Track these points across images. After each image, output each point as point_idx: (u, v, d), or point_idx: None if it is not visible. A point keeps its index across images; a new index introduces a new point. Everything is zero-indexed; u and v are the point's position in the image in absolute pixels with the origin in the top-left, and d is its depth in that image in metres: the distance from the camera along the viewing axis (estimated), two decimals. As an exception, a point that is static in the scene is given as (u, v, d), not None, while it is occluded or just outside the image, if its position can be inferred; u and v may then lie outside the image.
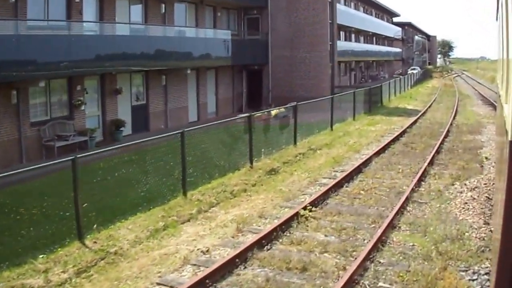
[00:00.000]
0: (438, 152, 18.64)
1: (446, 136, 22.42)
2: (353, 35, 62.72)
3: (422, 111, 32.53)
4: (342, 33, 57.21)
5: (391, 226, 10.73)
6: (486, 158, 17.46)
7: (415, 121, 27.75)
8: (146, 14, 26.76)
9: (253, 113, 17.25)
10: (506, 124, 5.65)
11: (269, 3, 35.63)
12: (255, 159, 17.36)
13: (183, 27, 29.46)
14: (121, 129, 24.63)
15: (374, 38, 75.10)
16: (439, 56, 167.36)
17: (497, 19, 10.61)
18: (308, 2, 34.90)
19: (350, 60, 58.81)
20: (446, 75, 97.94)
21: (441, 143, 20.43)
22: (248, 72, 36.92)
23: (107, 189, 16.03)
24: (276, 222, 10.98)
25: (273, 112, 22.02)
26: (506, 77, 6.37)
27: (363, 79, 66.14)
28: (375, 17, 76.13)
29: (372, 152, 18.44)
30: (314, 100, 24.67)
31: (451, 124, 26.28)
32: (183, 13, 29.81)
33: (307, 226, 11.02)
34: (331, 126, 24.68)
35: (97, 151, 15.91)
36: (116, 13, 24.98)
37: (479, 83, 70.48)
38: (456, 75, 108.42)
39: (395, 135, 22.23)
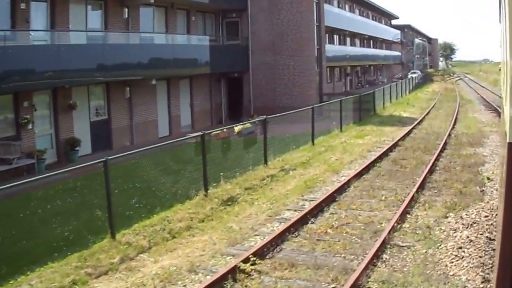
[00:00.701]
0: (431, 171, 15.82)
1: (442, 149, 19.61)
2: (348, 39, 60.02)
3: (419, 119, 29.70)
4: (336, 37, 54.58)
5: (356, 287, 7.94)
6: (488, 178, 14.62)
7: (410, 132, 24.94)
8: (106, 20, 24.05)
9: (208, 131, 14.45)
10: (505, 126, 5.75)
11: (248, 5, 32.79)
12: (214, 184, 14.63)
13: (150, 33, 26.73)
14: (76, 148, 21.89)
15: (372, 42, 72.38)
16: (441, 59, 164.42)
17: (500, 21, 9.89)
18: (292, 2, 31.98)
19: (345, 65, 56.05)
20: (447, 78, 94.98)
21: (436, 159, 17.62)
22: (228, 81, 34.11)
23: (30, 226, 13.31)
24: (204, 283, 8.23)
25: (236, 128, 19.16)
26: (506, 79, 6.25)
27: (359, 85, 63.33)
28: (372, 19, 73.41)
29: (354, 172, 15.64)
30: (288, 112, 21.82)
31: (449, 135, 23.45)
32: (150, 18, 27.07)
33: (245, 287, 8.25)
34: (312, 140, 21.87)
35: (29, 179, 13.15)
36: (70, 20, 22.29)
37: (482, 86, 67.59)
38: (458, 78, 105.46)
39: (384, 150, 19.43)
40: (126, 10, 24.76)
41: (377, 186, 14.27)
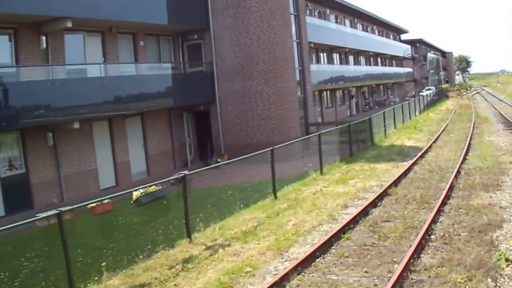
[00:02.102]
0: (422, 246, 10.63)
1: (446, 199, 14.46)
2: (351, 57, 54.99)
3: (424, 149, 24.42)
4: (335, 55, 49.62)
5: None
6: (508, 260, 9.40)
7: (409, 169, 19.75)
8: (17, 52, 19.35)
9: (66, 208, 9.41)
10: None
11: (211, 23, 27.78)
12: (88, 283, 9.69)
13: (78, 64, 21.91)
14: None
15: (379, 59, 67.25)
16: (457, 73, 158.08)
17: None
18: (261, 17, 26.73)
19: (347, 86, 50.90)
20: (464, 93, 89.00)
21: (434, 218, 12.45)
22: (194, 115, 29.08)
23: None
24: None
25: (135, 194, 13.88)
26: None
27: (367, 107, 58.05)
28: (379, 35, 68.37)
29: (307, 252, 10.49)
30: (243, 156, 16.69)
31: (458, 172, 18.24)
32: (79, 46, 22.26)
33: None
34: (274, 192, 16.73)
35: None
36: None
37: (499, 100, 61.77)
38: (475, 92, 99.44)
39: (366, 204, 14.27)
40: (44, 38, 19.99)
41: (331, 283, 9.08)
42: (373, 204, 14.50)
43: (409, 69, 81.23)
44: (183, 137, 28.18)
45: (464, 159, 21.21)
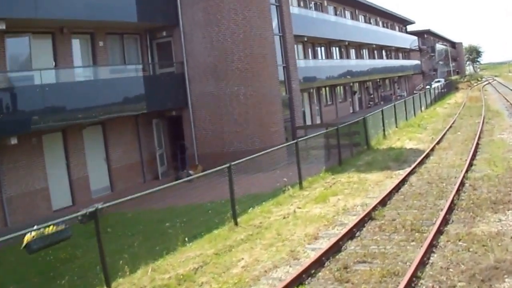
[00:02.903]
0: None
1: (443, 225, 11.44)
2: (352, 51, 51.80)
3: (426, 153, 21.36)
4: (335, 49, 46.45)
5: None
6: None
7: (403, 181, 16.72)
8: None
9: None
10: None
11: (180, 18, 24.47)
12: None
13: (17, 72, 19.00)
14: None
15: (385, 52, 63.94)
16: (467, 63, 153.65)
17: None
18: (235, 8, 23.18)
19: (349, 82, 47.71)
20: (474, 84, 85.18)
21: (425, 256, 9.47)
22: (166, 121, 26.12)
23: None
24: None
25: (26, 238, 10.88)
26: None
27: (371, 103, 54.80)
28: (383, 27, 65.02)
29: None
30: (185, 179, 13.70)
31: (462, 183, 15.18)
32: (24, 50, 19.31)
33: None
34: (235, 218, 13.76)
35: None
36: None
37: (511, 90, 58.13)
38: (486, 82, 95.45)
39: (341, 234, 11.30)
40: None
41: None
42: (350, 234, 11.48)
43: (417, 61, 77.75)
44: (153, 147, 25.21)
45: (470, 164, 18.11)
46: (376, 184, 17.13)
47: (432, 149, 22.39)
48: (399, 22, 74.46)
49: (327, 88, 43.75)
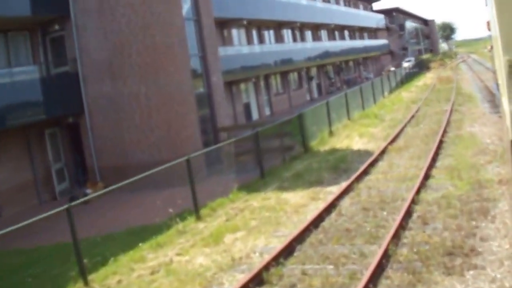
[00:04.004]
0: None
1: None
2: (308, 33, 46.85)
3: (374, 156, 16.66)
4: (286, 32, 41.44)
5: None
6: None
7: (332, 206, 12.04)
8: None
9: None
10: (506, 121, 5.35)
11: (71, 7, 19.37)
12: None
13: None
14: None
15: (347, 32, 59.15)
16: (441, 41, 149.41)
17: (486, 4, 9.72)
18: None
19: (303, 67, 42.79)
20: (448, 63, 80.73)
21: None
22: (66, 130, 21.08)
23: None
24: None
25: None
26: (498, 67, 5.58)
27: (332, 88, 49.97)
28: (345, 5, 60.13)
29: None
30: None
31: (408, 213, 10.58)
32: None
33: None
34: (83, 275, 9.10)
35: None
36: None
37: (487, 68, 53.66)
38: (461, 60, 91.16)
39: None
40: None
41: None
42: None
43: (384, 41, 73.10)
44: (47, 162, 20.28)
45: (427, 176, 13.40)
46: (296, 211, 12.38)
47: (384, 151, 17.68)
48: (364, 0, 69.63)
49: (278, 76, 38.78)
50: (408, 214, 10.57)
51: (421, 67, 66.40)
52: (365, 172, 15.03)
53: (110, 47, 18.49)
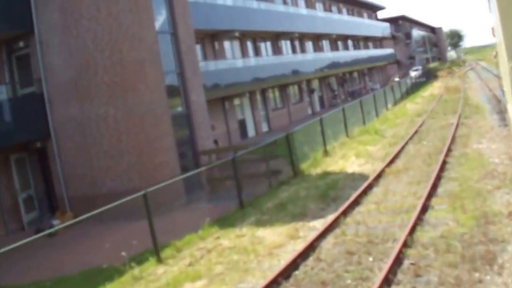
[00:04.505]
0: None
1: None
2: (309, 44, 45.15)
3: (369, 181, 14.84)
4: (285, 43, 39.77)
5: None
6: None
7: (311, 248, 10.33)
8: None
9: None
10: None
11: (35, 22, 17.44)
12: None
13: None
14: None
15: (351, 42, 57.42)
16: (449, 48, 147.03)
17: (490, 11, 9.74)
18: (97, 2, 16.43)
19: (303, 79, 41.04)
20: (456, 71, 78.56)
21: None
22: (33, 156, 19.38)
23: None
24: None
25: None
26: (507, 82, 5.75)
27: (336, 100, 48.14)
28: (348, 14, 58.46)
29: None
30: None
31: (397, 260, 8.82)
32: None
33: None
34: None
35: None
36: None
37: (495, 75, 51.48)
38: (469, 68, 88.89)
39: None
40: None
41: None
42: None
43: (390, 50, 71.25)
44: (13, 191, 18.63)
45: (425, 207, 11.54)
46: (269, 253, 10.57)
47: (380, 175, 15.80)
48: (368, 8, 67.90)
49: (276, 90, 37.04)
50: (398, 261, 8.74)
51: (428, 76, 64.42)
52: (356, 202, 13.20)
53: (75, 65, 16.75)
